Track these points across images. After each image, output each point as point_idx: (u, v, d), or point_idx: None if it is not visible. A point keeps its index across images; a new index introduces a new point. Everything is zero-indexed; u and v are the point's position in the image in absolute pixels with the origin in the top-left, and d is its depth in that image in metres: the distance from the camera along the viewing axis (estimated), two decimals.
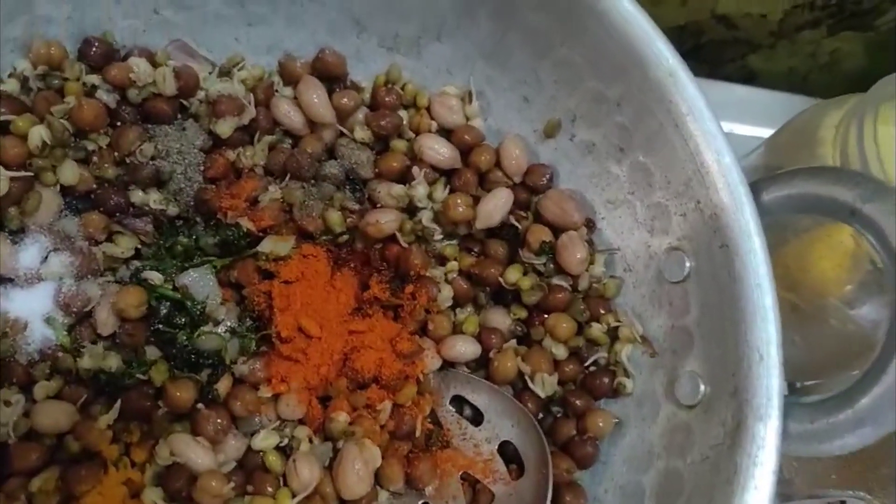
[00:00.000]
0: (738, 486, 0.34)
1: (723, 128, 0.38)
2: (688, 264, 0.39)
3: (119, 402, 0.38)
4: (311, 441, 0.40)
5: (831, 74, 0.74)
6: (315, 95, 0.44)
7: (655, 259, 0.42)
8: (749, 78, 0.75)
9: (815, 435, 0.34)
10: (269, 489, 0.39)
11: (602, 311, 0.43)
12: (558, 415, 0.44)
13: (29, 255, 0.38)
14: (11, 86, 0.39)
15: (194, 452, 0.38)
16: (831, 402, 0.34)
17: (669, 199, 0.40)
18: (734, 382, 0.36)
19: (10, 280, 0.38)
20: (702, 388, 0.38)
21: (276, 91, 0.45)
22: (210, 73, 0.43)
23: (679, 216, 0.40)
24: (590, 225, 0.44)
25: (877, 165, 0.42)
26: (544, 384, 0.42)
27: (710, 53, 0.68)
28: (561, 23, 0.41)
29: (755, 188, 0.37)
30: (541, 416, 0.43)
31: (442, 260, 0.45)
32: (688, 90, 0.38)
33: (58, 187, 0.40)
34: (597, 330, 0.43)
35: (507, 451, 0.42)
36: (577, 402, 0.42)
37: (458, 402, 0.44)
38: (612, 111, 0.42)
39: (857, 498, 0.47)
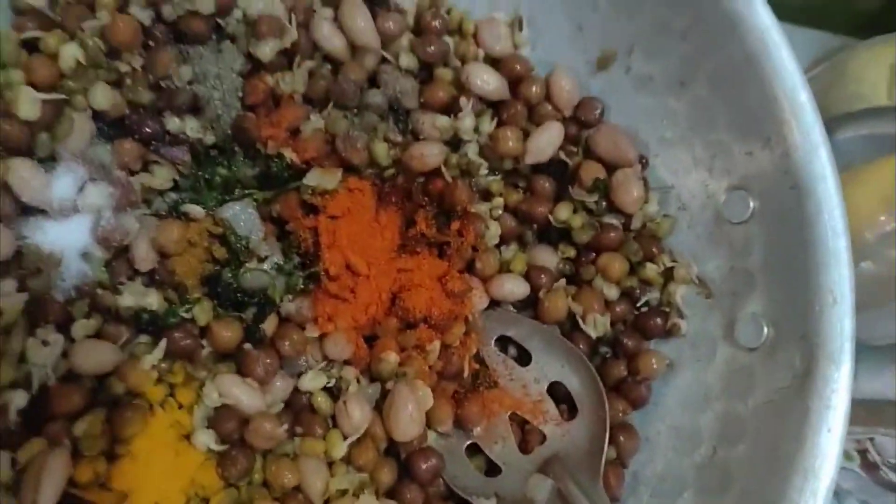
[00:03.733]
0: (809, 429, 0.34)
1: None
2: (752, 204, 0.39)
3: (163, 341, 0.36)
4: (358, 382, 0.39)
5: (849, 12, 0.72)
6: (359, 18, 0.41)
7: (713, 199, 0.41)
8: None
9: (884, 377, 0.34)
10: (319, 431, 0.38)
11: (655, 251, 0.42)
12: (607, 356, 0.43)
13: (63, 184, 0.35)
14: (39, 1, 0.36)
15: (244, 393, 0.36)
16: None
17: (734, 136, 0.39)
18: (804, 325, 0.35)
19: (43, 211, 0.35)
20: (765, 330, 0.37)
21: (315, 12, 0.42)
22: None
23: (743, 154, 0.39)
24: (644, 162, 0.43)
25: None
26: (596, 324, 0.41)
27: None
28: None
29: (828, 127, 0.36)
30: (589, 357, 0.43)
31: (486, 196, 0.43)
32: (763, 21, 0.37)
33: (89, 112, 0.37)
34: (650, 270, 0.42)
35: (558, 393, 0.41)
36: (629, 342, 0.42)
37: (504, 342, 0.43)
38: (676, 42, 0.40)
39: (886, 435, 0.47)
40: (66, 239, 0.36)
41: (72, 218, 0.36)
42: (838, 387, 0.34)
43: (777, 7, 0.71)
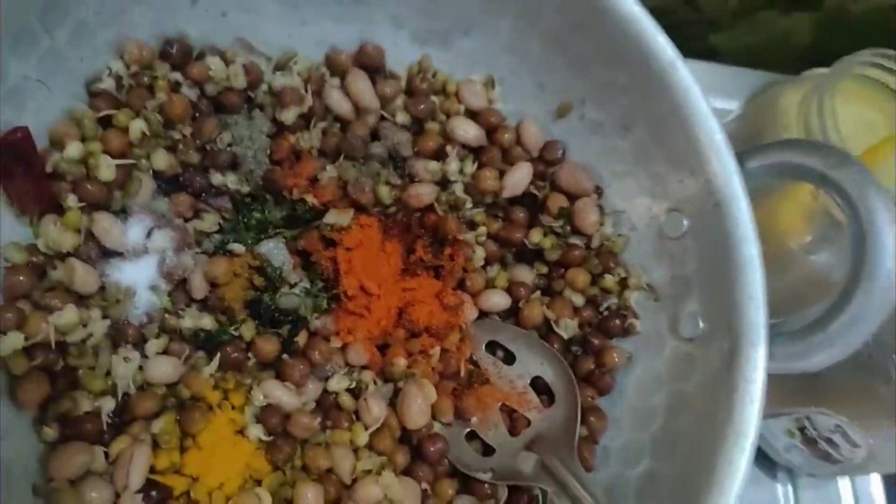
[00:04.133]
0: (737, 400, 0.42)
1: None
2: (685, 223, 0.47)
3: (218, 355, 0.44)
4: (375, 383, 0.48)
5: (784, 50, 0.82)
6: (361, 85, 0.50)
7: (656, 219, 0.50)
8: (709, 55, 0.83)
9: (794, 356, 0.43)
10: (345, 423, 0.46)
11: (612, 265, 0.51)
12: (578, 353, 0.52)
13: (134, 232, 0.44)
14: (108, 84, 0.44)
15: (284, 394, 0.44)
16: (807, 328, 0.42)
17: (668, 168, 0.48)
18: (730, 319, 0.43)
19: (120, 254, 0.44)
20: (700, 324, 0.46)
21: (326, 82, 0.51)
22: (269, 67, 0.49)
23: (677, 182, 0.47)
24: (599, 192, 0.52)
25: (835, 137, 0.51)
26: (567, 327, 0.50)
27: (678, 33, 0.76)
28: (575, 22, 0.48)
29: (740, 158, 0.45)
30: (563, 354, 0.51)
31: (472, 225, 0.52)
32: (684, 79, 0.46)
33: (151, 172, 0.45)
34: (608, 280, 0.51)
35: (538, 385, 0.50)
36: (595, 341, 0.50)
37: (492, 346, 0.51)
38: (618, 95, 0.49)
39: (820, 413, 0.56)
40: (138, 275, 0.44)
41: (142, 258, 0.44)
42: (757, 365, 0.42)
43: (723, 50, 0.81)
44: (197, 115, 0.47)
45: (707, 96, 0.45)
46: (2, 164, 0.39)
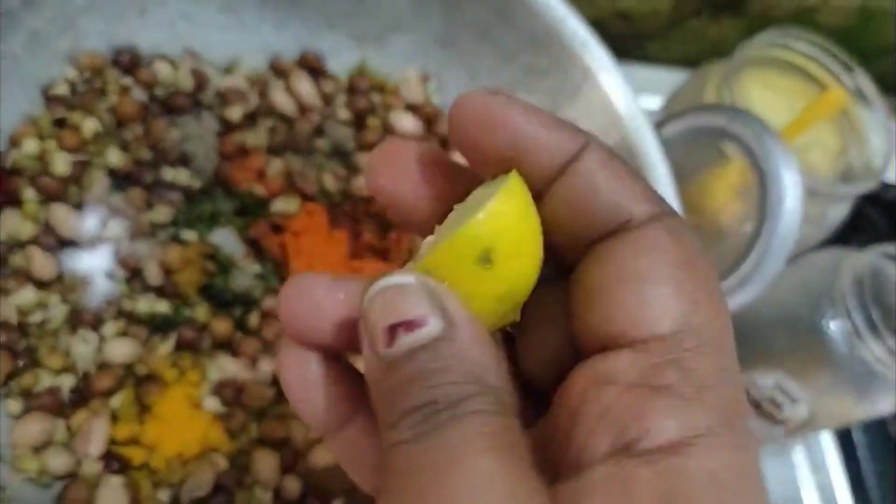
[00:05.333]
0: None
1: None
2: None
3: (173, 335, 0.47)
4: None
5: (715, 54, 0.87)
6: (305, 85, 0.54)
7: None
8: (648, 62, 0.88)
9: None
10: None
11: None
12: None
13: (90, 223, 0.47)
14: (63, 89, 0.48)
15: (238, 369, 0.47)
16: (724, 272, 0.45)
17: None
18: None
19: (76, 243, 0.46)
20: None
21: (268, 83, 0.54)
22: (216, 73, 0.53)
23: None
24: None
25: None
26: None
27: (615, 45, 0.81)
28: (497, 13, 0.52)
29: (657, 126, 0.49)
30: None
31: None
32: (598, 56, 0.50)
33: (105, 169, 0.49)
34: None
35: None
36: None
37: None
38: (542, 78, 0.53)
39: (760, 374, 0.58)
40: (95, 263, 0.47)
41: (98, 247, 0.47)
42: None
43: (659, 58, 0.85)
44: (148, 116, 0.50)
45: (636, 92, 0.50)
46: None
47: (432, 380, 0.17)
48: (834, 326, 0.52)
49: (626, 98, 0.49)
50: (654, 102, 0.77)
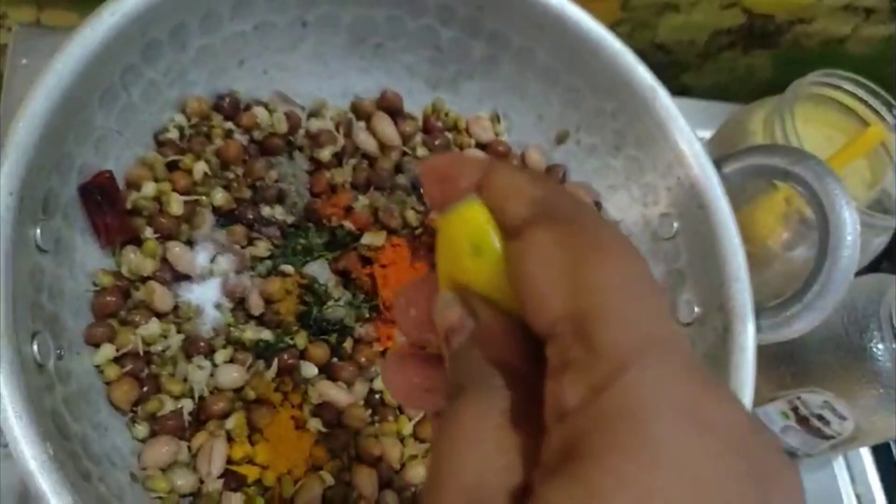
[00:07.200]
0: (732, 368, 0.48)
1: None
2: (675, 224, 0.55)
3: (275, 362, 0.51)
4: None
5: (748, 85, 0.92)
6: (385, 125, 0.58)
7: (650, 224, 0.57)
8: (682, 92, 0.92)
9: (777, 325, 0.49)
10: (391, 417, 0.52)
11: None
12: None
13: (201, 258, 0.51)
14: (173, 134, 0.52)
15: (337, 392, 0.51)
16: (787, 301, 0.49)
17: (657, 179, 0.55)
18: (720, 301, 0.50)
19: (189, 277, 0.50)
20: (696, 309, 0.53)
21: (353, 124, 0.59)
22: (304, 115, 0.57)
23: (665, 190, 0.55)
24: (598, 206, 0.59)
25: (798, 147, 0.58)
26: None
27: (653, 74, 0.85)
28: (566, 60, 0.56)
29: (717, 164, 0.53)
30: None
31: None
32: (664, 101, 0.54)
33: (210, 207, 0.53)
34: None
35: None
36: None
37: None
38: (608, 120, 0.57)
39: (809, 392, 0.62)
40: (205, 295, 0.51)
41: (208, 280, 0.51)
42: (748, 336, 0.49)
43: (693, 88, 0.89)
44: (247, 157, 0.54)
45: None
46: (94, 202, 0.46)
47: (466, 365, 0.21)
48: (881, 348, 0.56)
49: (689, 139, 0.53)
50: None
